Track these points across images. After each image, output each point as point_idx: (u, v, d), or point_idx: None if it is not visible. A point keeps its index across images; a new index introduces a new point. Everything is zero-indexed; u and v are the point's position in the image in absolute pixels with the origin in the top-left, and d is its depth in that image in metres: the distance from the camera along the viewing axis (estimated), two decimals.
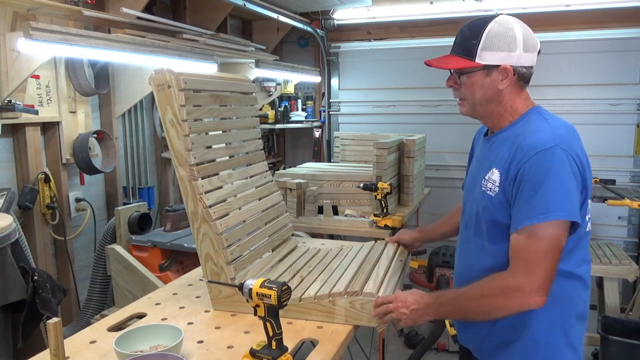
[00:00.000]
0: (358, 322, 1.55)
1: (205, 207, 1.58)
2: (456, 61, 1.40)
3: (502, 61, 1.36)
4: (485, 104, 1.42)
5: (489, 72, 1.37)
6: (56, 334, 1.11)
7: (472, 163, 1.62)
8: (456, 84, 1.44)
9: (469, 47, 1.37)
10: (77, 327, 2.60)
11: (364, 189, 2.93)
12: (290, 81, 4.68)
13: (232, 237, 1.66)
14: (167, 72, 1.54)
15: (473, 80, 1.40)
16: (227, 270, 1.61)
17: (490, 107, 1.43)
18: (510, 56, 1.36)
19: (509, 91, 1.40)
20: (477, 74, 1.39)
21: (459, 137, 4.47)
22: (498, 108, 1.43)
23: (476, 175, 1.49)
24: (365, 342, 3.42)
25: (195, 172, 1.58)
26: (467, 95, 1.43)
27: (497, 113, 1.44)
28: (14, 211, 2.51)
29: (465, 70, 1.39)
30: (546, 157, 1.27)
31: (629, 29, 3.97)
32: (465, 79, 1.40)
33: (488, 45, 1.35)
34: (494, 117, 1.45)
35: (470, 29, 1.39)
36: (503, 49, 1.35)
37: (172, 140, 1.58)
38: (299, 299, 1.58)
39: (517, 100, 1.42)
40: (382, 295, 1.54)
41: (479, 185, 1.44)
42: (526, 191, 1.28)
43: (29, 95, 2.58)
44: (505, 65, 1.36)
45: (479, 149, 1.57)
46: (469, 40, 1.38)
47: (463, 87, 1.42)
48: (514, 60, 1.36)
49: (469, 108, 1.46)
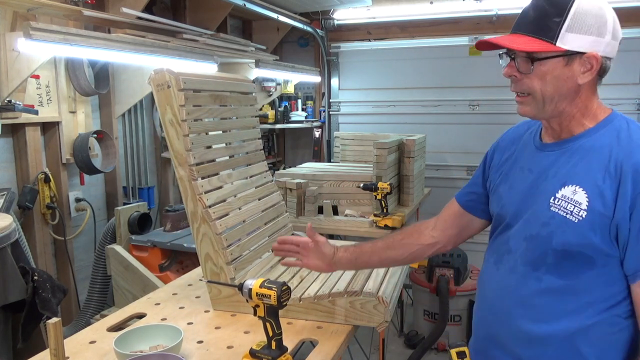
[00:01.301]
0: (358, 322, 1.55)
1: (204, 207, 1.58)
2: (529, 42, 1.09)
3: (589, 48, 1.08)
4: (557, 102, 1.12)
5: (570, 60, 1.09)
6: (56, 334, 1.11)
7: (513, 173, 1.28)
8: (519, 72, 1.13)
9: (548, 26, 1.08)
10: (77, 327, 2.60)
11: (364, 189, 2.93)
12: (290, 81, 4.68)
13: (231, 237, 1.66)
14: (167, 72, 1.54)
15: (547, 68, 1.10)
16: (227, 271, 1.61)
17: (561, 106, 1.13)
18: (599, 42, 1.09)
19: (587, 87, 1.13)
20: (555, 61, 1.09)
21: (459, 137, 4.47)
22: (570, 108, 1.14)
23: (531, 190, 1.20)
24: (365, 342, 3.42)
25: (195, 172, 1.58)
26: (534, 89, 1.12)
27: (568, 114, 1.15)
28: (14, 211, 2.51)
29: (541, 54, 1.09)
30: None
31: (629, 29, 3.96)
32: (537, 66, 1.10)
33: (575, 26, 1.07)
34: (562, 119, 1.16)
35: (551, 3, 1.09)
36: (592, 33, 1.08)
37: (172, 140, 1.58)
38: (299, 299, 1.58)
39: (593, 101, 1.16)
40: (382, 295, 1.54)
41: (545, 203, 1.15)
42: None
43: (29, 95, 2.58)
44: (594, 53, 1.09)
45: (528, 156, 1.26)
46: (549, 17, 1.08)
47: (531, 78, 1.12)
48: (601, 48, 1.10)
49: (535, 106, 1.14)
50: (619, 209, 1.05)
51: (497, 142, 1.39)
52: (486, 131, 4.15)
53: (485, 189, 1.39)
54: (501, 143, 1.37)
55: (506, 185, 1.28)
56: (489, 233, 1.37)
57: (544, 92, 1.12)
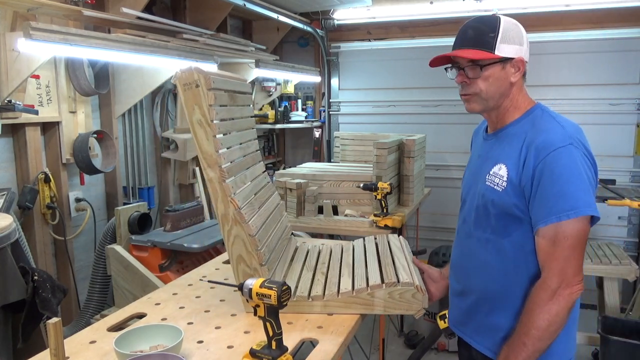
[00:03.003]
0: (397, 311, 1.61)
1: (237, 208, 1.53)
2: (475, 54, 1.40)
3: (516, 53, 1.40)
4: (497, 98, 1.44)
5: (504, 65, 1.40)
6: (56, 334, 1.11)
7: (472, 160, 1.64)
8: (468, 78, 1.43)
9: (487, 40, 1.39)
10: (77, 327, 2.60)
11: (364, 189, 2.93)
12: (290, 81, 4.68)
13: (261, 238, 1.63)
14: (195, 71, 1.48)
15: (490, 72, 1.41)
16: (262, 272, 1.57)
17: (500, 101, 1.45)
18: (521, 50, 1.41)
19: (516, 84, 1.44)
20: (495, 67, 1.40)
21: (459, 137, 4.47)
22: (506, 102, 1.45)
23: (477, 171, 1.52)
24: (365, 342, 3.42)
25: (226, 173, 1.53)
26: (481, 90, 1.43)
27: (504, 108, 1.46)
28: (14, 211, 2.51)
29: (484, 61, 1.40)
30: (563, 154, 1.31)
31: (629, 29, 3.97)
32: (483, 72, 1.41)
33: (505, 38, 1.38)
34: (500, 112, 1.47)
35: (484, 24, 1.42)
36: (516, 42, 1.40)
37: (200, 141, 1.52)
38: (336, 293, 1.60)
39: (521, 96, 1.46)
40: (419, 284, 1.61)
41: (482, 180, 1.47)
42: (546, 188, 1.32)
43: (29, 95, 2.58)
44: (521, 58, 1.41)
45: (479, 146, 1.60)
46: (486, 33, 1.40)
47: (478, 81, 1.42)
48: (523, 54, 1.41)
49: (481, 103, 1.46)
50: (524, 176, 1.36)
51: (472, 135, 1.74)
52: None
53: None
54: (474, 135, 1.73)
55: (468, 170, 1.65)
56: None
57: (488, 91, 1.43)
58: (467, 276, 1.55)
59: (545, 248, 1.34)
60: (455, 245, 1.64)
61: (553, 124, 1.38)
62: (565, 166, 1.31)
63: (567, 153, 1.31)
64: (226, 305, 1.70)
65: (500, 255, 1.44)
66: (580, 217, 1.30)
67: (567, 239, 1.30)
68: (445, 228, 4.63)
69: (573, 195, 1.30)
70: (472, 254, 1.52)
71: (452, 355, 3.54)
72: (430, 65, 1.49)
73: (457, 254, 1.62)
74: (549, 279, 1.33)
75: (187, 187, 3.86)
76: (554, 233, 1.31)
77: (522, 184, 1.36)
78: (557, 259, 1.32)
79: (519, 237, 1.40)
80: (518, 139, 1.41)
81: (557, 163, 1.31)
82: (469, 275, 1.55)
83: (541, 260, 1.36)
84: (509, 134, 1.46)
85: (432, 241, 4.48)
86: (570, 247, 1.31)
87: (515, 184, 1.37)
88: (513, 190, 1.38)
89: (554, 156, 1.31)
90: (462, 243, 1.59)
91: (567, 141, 1.33)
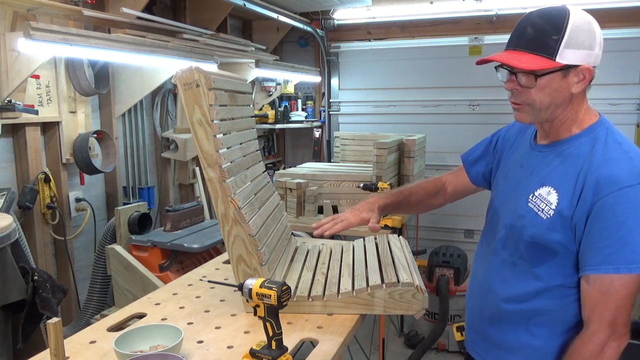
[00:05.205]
0: (397, 311, 1.61)
1: (237, 208, 1.54)
2: (531, 60, 1.18)
3: (583, 60, 1.18)
4: (552, 110, 1.24)
5: (566, 73, 1.19)
6: (56, 334, 1.11)
7: (509, 165, 1.45)
8: (520, 86, 1.23)
9: (548, 44, 1.17)
10: (77, 327, 2.60)
11: (364, 189, 2.93)
12: (290, 81, 4.68)
13: (261, 238, 1.64)
14: (196, 71, 1.49)
15: (547, 82, 1.20)
16: (262, 272, 1.58)
17: (556, 113, 1.25)
18: (590, 55, 1.19)
19: (578, 95, 1.24)
20: (554, 76, 1.19)
21: (459, 137, 4.47)
22: (562, 114, 1.26)
23: (518, 184, 1.36)
24: (365, 342, 3.42)
25: (226, 173, 1.54)
26: (534, 100, 1.22)
27: (560, 120, 1.27)
28: (14, 211, 2.51)
29: (543, 71, 1.18)
30: (630, 196, 1.15)
31: (629, 29, 3.96)
32: (539, 81, 1.20)
33: (571, 42, 1.16)
34: (554, 125, 1.29)
35: (548, 21, 1.18)
36: (585, 47, 1.18)
37: (201, 141, 1.52)
38: (336, 294, 1.60)
39: (582, 108, 1.27)
40: (420, 284, 1.60)
41: (524, 198, 1.31)
42: (605, 231, 1.16)
43: (29, 95, 2.58)
44: (588, 66, 1.19)
45: (522, 154, 1.41)
46: (547, 34, 1.17)
47: (531, 91, 1.22)
48: (592, 60, 1.20)
49: (533, 115, 1.26)
50: (578, 211, 1.19)
51: (507, 130, 1.55)
52: (486, 131, 4.07)
53: (487, 166, 1.60)
54: (510, 131, 1.53)
55: (503, 173, 1.47)
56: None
57: (542, 102, 1.22)
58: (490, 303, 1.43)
59: (595, 296, 1.20)
60: (479, 259, 1.52)
61: (619, 153, 1.20)
62: (631, 211, 1.14)
63: (635, 195, 1.14)
64: (226, 305, 1.70)
65: (526, 285, 1.32)
66: (637, 275, 1.16)
67: (623, 290, 1.17)
68: (445, 228, 4.63)
69: (637, 247, 1.14)
70: (495, 276, 1.41)
71: (452, 355, 3.54)
72: (477, 63, 1.30)
73: (480, 271, 1.49)
74: (599, 331, 1.19)
75: (187, 187, 3.86)
76: (608, 283, 1.17)
77: (574, 219, 1.20)
78: (609, 309, 1.18)
79: (552, 267, 1.28)
80: (574, 162, 1.23)
81: (621, 205, 1.14)
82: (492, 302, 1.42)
83: (588, 308, 1.22)
84: (563, 152, 1.27)
85: (432, 241, 4.48)
86: (625, 298, 1.17)
87: (566, 217, 1.21)
88: (562, 223, 1.22)
89: (619, 197, 1.14)
90: (487, 261, 1.45)
91: (635, 180, 1.15)
